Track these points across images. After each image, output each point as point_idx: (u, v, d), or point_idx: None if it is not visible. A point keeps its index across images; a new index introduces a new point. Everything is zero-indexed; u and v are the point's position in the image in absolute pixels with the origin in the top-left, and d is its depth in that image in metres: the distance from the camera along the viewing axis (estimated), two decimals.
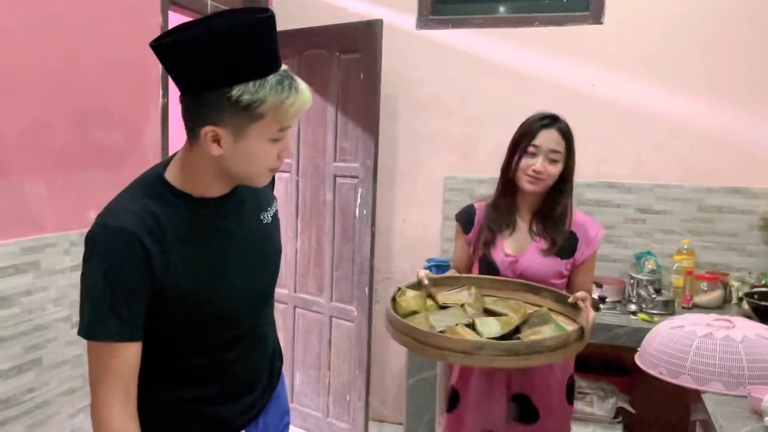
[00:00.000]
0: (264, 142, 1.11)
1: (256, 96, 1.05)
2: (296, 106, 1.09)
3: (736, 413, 1.63)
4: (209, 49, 1.03)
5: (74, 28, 2.23)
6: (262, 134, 1.10)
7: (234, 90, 1.05)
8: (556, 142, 1.83)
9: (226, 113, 1.07)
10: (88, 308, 1.10)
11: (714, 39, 2.90)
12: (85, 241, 1.11)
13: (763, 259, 2.85)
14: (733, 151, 2.89)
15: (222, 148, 1.11)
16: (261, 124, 1.09)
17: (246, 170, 1.15)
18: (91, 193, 2.34)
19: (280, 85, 1.07)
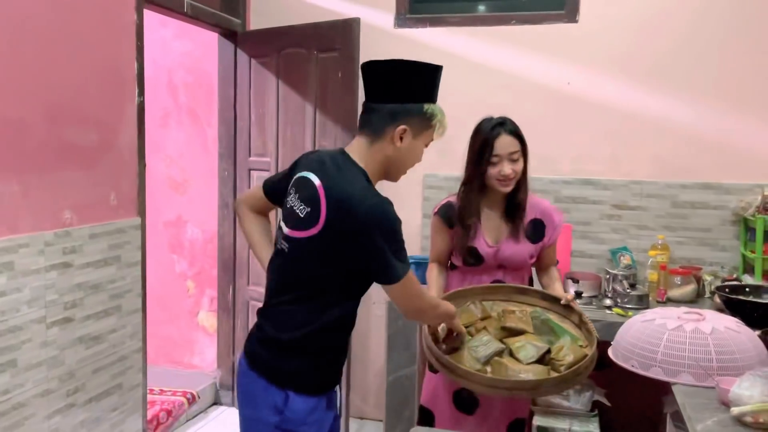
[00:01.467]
0: (421, 146, 1.64)
1: (435, 112, 1.61)
2: (444, 125, 1.65)
3: (704, 404, 1.66)
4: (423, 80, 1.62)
5: (48, 26, 2.22)
6: (425, 140, 1.63)
7: (425, 106, 1.60)
8: (511, 144, 2.07)
9: (416, 119, 1.58)
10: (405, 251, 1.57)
11: (688, 38, 2.94)
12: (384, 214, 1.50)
13: (735, 254, 2.90)
14: (706, 147, 2.94)
15: (402, 143, 1.58)
16: (429, 132, 1.63)
17: (406, 163, 1.64)
18: (66, 192, 2.32)
19: (441, 111, 1.64)
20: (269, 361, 1.59)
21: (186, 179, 3.75)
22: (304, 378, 1.57)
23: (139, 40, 2.64)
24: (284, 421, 1.55)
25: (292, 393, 1.55)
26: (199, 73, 3.66)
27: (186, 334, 3.82)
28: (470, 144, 2.14)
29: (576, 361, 1.87)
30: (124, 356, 2.63)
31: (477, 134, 2.12)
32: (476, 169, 2.11)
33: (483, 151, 2.07)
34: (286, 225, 1.60)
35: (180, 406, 3.31)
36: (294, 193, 1.61)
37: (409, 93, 1.58)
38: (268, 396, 1.56)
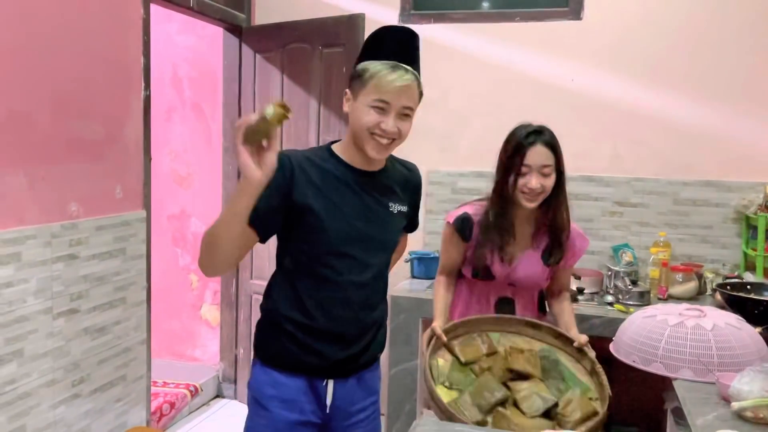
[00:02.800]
0: (365, 107, 1.46)
1: (366, 67, 1.46)
2: (388, 78, 1.44)
3: (704, 399, 1.68)
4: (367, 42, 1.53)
5: (55, 21, 2.23)
6: (365, 100, 1.45)
7: (359, 66, 1.48)
8: (545, 156, 1.88)
9: (355, 81, 1.48)
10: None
11: (691, 35, 2.95)
12: None
13: (737, 251, 2.91)
14: (708, 145, 2.95)
15: (347, 107, 1.51)
16: (366, 91, 1.45)
17: (355, 129, 1.49)
18: (72, 185, 2.34)
19: (382, 64, 1.45)
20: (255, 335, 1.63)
21: (190, 173, 3.77)
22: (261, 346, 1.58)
23: (146, 34, 2.65)
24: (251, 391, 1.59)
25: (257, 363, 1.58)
26: (204, 68, 3.67)
27: (189, 327, 3.84)
28: (502, 149, 1.96)
29: (584, 417, 1.70)
30: (128, 348, 2.65)
31: (510, 140, 1.93)
32: (506, 178, 1.92)
33: (513, 159, 1.89)
34: None
35: (183, 399, 3.33)
36: None
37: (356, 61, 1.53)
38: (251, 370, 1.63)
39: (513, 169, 1.89)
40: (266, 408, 1.53)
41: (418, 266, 3.12)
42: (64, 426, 2.33)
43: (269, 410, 1.53)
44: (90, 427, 2.46)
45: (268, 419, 1.53)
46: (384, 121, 1.46)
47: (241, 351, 3.57)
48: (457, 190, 3.28)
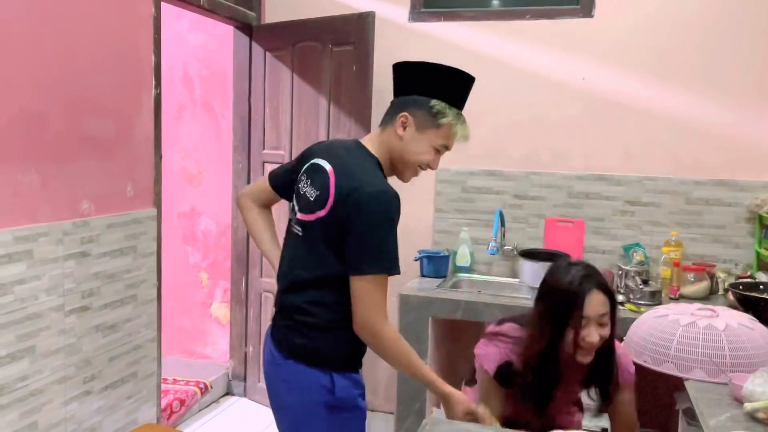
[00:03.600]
0: (428, 144, 1.62)
1: (443, 111, 1.60)
2: (460, 133, 1.63)
3: (717, 400, 1.67)
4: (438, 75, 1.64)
5: (67, 19, 2.24)
6: (430, 139, 1.61)
7: (433, 101, 1.60)
8: (603, 304, 1.67)
9: (421, 111, 1.60)
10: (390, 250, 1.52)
11: (703, 33, 2.92)
12: (379, 202, 1.51)
13: (749, 251, 2.89)
14: (721, 144, 2.93)
15: (404, 132, 1.60)
16: (437, 131, 1.61)
17: (406, 155, 1.62)
18: (84, 183, 2.36)
19: (458, 116, 1.64)
20: (306, 345, 1.60)
21: (200, 171, 3.78)
22: (341, 357, 1.61)
23: (157, 33, 2.66)
24: (336, 401, 1.59)
25: (336, 375, 1.59)
26: (214, 66, 3.68)
27: (199, 325, 3.86)
28: (544, 294, 1.73)
29: None
30: (139, 345, 2.67)
31: (557, 284, 1.69)
32: (560, 333, 1.67)
33: (569, 310, 1.65)
34: (299, 209, 1.65)
35: (193, 396, 3.35)
36: (306, 179, 1.65)
37: (419, 86, 1.62)
38: (314, 379, 1.59)
39: (571, 321, 1.65)
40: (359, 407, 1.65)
41: (427, 265, 3.12)
42: (76, 423, 2.34)
43: (360, 407, 1.66)
44: (101, 423, 2.47)
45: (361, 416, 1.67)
46: (434, 161, 1.65)
47: (250, 348, 3.58)
48: (467, 188, 3.27)
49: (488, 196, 3.23)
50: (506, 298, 2.76)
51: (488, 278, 3.19)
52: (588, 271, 1.69)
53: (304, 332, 1.60)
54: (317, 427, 1.60)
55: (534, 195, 3.17)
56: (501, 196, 3.21)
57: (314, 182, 1.61)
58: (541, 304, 1.73)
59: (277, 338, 1.66)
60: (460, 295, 2.85)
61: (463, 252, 3.20)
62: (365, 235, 1.49)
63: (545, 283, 1.75)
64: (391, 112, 1.65)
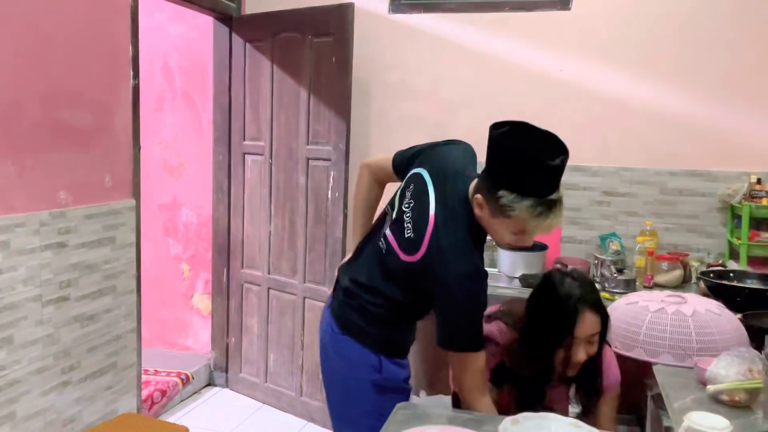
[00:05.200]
0: (507, 230, 1.52)
1: (511, 204, 1.44)
2: (539, 227, 1.48)
3: (683, 383, 1.71)
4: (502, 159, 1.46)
5: (42, 7, 2.23)
6: (506, 225, 1.50)
7: (501, 191, 1.45)
8: (594, 325, 1.66)
9: (491, 199, 1.48)
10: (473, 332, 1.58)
11: (678, 26, 2.97)
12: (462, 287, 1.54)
13: (722, 240, 2.95)
14: (695, 135, 2.97)
15: (480, 213, 1.54)
16: (507, 220, 1.48)
17: (492, 235, 1.58)
18: (61, 173, 2.35)
19: (533, 208, 1.44)
20: (364, 328, 1.71)
21: (181, 163, 3.77)
22: (393, 345, 1.73)
23: (134, 22, 2.65)
24: (382, 380, 1.71)
25: (384, 358, 1.71)
26: (194, 57, 3.67)
27: (180, 316, 3.86)
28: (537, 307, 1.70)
29: None
30: (118, 336, 2.67)
31: (551, 301, 1.66)
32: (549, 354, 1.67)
33: (561, 333, 1.64)
34: (391, 229, 1.69)
35: (174, 387, 3.35)
36: (409, 197, 1.66)
37: (491, 166, 1.50)
38: (365, 357, 1.71)
39: (561, 341, 1.64)
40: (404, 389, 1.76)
41: None
42: (54, 413, 2.35)
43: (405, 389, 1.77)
44: (80, 414, 2.48)
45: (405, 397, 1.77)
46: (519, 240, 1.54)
47: (232, 339, 3.59)
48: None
49: None
50: None
51: None
52: (583, 290, 1.65)
53: (365, 316, 1.71)
54: (364, 400, 1.72)
55: None
56: None
57: (414, 214, 1.62)
58: (534, 318, 1.69)
59: (337, 313, 1.77)
60: None
61: None
62: (445, 311, 1.57)
63: (539, 296, 1.71)
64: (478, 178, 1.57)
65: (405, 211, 1.64)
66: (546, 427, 1.31)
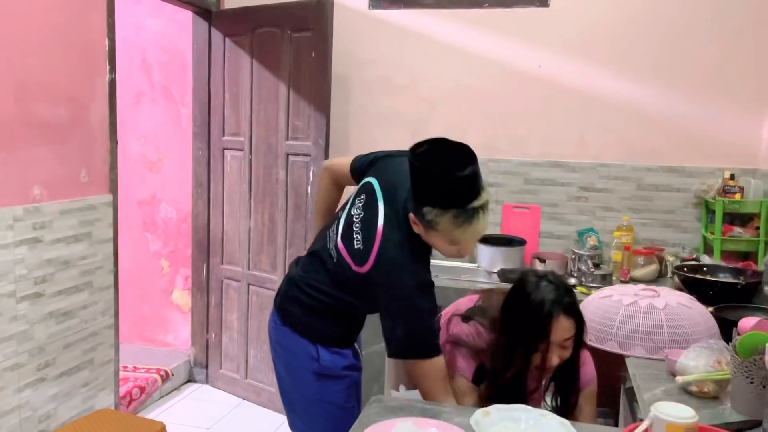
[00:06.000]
0: (442, 242, 1.56)
1: (435, 219, 1.50)
2: (466, 236, 1.52)
3: (654, 375, 1.74)
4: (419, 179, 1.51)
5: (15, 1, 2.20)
6: (439, 239, 1.55)
7: (424, 209, 1.50)
8: (569, 329, 1.63)
9: (418, 217, 1.53)
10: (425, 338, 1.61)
11: (655, 24, 3.00)
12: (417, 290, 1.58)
13: (697, 235, 2.99)
14: (671, 131, 3.01)
15: (419, 230, 1.56)
16: (437, 234, 1.53)
17: (435, 248, 1.61)
18: (36, 168, 2.32)
19: (455, 219, 1.49)
20: (300, 318, 1.75)
21: (160, 158, 3.75)
22: (332, 337, 1.74)
23: (110, 16, 2.62)
24: (322, 369, 1.73)
25: (321, 347, 1.73)
26: (173, 52, 3.64)
27: (160, 312, 3.84)
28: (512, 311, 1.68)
29: None
30: (95, 332, 2.65)
31: (526, 304, 1.64)
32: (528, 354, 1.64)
33: (536, 340, 1.62)
34: (341, 237, 1.69)
35: (153, 383, 3.34)
36: (360, 207, 1.68)
37: (413, 186, 1.54)
38: (303, 347, 1.74)
39: (537, 348, 1.62)
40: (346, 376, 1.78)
41: None
42: (30, 409, 2.33)
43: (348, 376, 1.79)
44: (56, 410, 2.45)
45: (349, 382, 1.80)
46: (461, 250, 1.58)
47: (212, 336, 3.58)
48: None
49: None
50: (464, 282, 2.81)
51: (447, 263, 3.23)
52: (557, 294, 1.62)
53: (303, 307, 1.74)
54: (307, 388, 1.76)
55: (492, 181, 3.22)
56: None
57: (363, 225, 1.64)
58: (510, 321, 1.67)
59: (278, 305, 1.82)
60: None
61: None
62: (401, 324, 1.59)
63: (514, 299, 1.69)
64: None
65: (355, 221, 1.67)
66: (516, 418, 1.33)
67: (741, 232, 2.77)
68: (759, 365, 1.42)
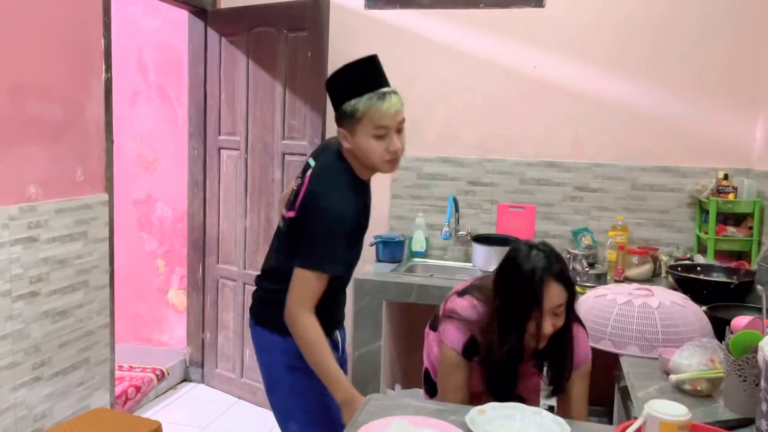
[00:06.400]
0: (370, 140, 1.66)
1: (354, 107, 1.64)
2: (384, 115, 1.64)
3: (648, 373, 1.75)
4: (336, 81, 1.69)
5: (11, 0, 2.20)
6: (364, 134, 1.66)
7: (344, 107, 1.66)
8: (560, 296, 1.63)
9: (343, 119, 1.68)
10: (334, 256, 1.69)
11: (650, 25, 3.01)
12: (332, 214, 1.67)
13: (690, 235, 3.00)
14: (665, 132, 3.03)
15: (349, 144, 1.69)
16: (361, 127, 1.65)
17: (368, 160, 1.70)
18: (31, 167, 2.32)
19: (370, 100, 1.64)
20: (266, 312, 1.81)
21: (156, 158, 3.75)
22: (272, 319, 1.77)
23: (106, 15, 2.62)
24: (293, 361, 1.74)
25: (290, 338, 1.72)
26: (169, 51, 3.64)
27: (156, 311, 3.84)
28: (505, 280, 1.69)
29: None
30: (90, 331, 2.65)
31: (517, 273, 1.65)
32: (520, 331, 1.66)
33: (528, 308, 1.63)
34: (285, 207, 1.84)
35: (149, 383, 3.34)
36: (300, 174, 1.83)
37: (334, 100, 1.70)
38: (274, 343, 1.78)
39: (530, 315, 1.63)
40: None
41: (383, 250, 3.16)
42: (26, 408, 2.33)
43: None
44: (52, 409, 2.45)
45: None
46: (388, 144, 1.67)
47: (208, 335, 3.58)
48: (423, 175, 3.32)
49: (443, 183, 3.29)
50: (459, 282, 2.81)
51: (442, 263, 3.25)
52: (547, 261, 1.63)
53: (266, 300, 1.82)
54: (281, 385, 1.81)
55: (487, 181, 3.23)
56: (455, 183, 3.27)
57: (298, 182, 1.79)
58: (502, 291, 1.69)
59: (251, 308, 1.90)
60: (412, 278, 2.90)
61: (419, 237, 3.26)
62: (315, 238, 1.67)
63: (506, 267, 1.70)
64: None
65: (294, 189, 1.80)
66: (511, 416, 1.34)
67: (734, 232, 2.79)
68: (752, 363, 1.44)
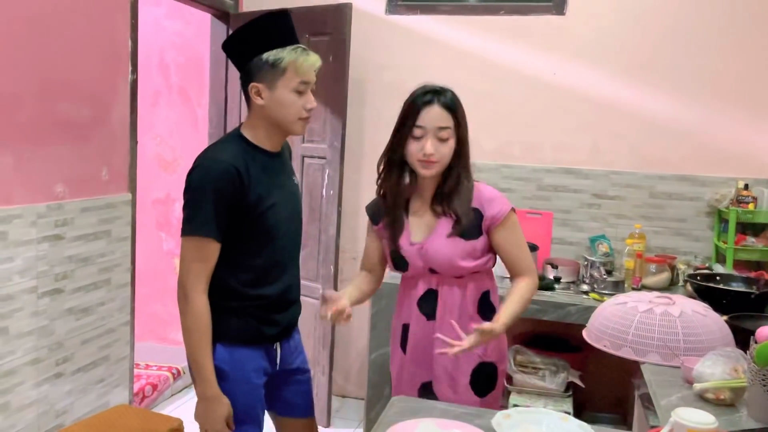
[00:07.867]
0: (289, 93, 1.60)
1: (278, 56, 1.58)
2: (308, 62, 1.60)
3: (670, 381, 1.75)
4: (251, 33, 1.60)
5: (43, 1, 2.24)
6: (287, 88, 1.60)
7: (264, 55, 1.58)
8: (442, 118, 1.72)
9: (260, 70, 1.59)
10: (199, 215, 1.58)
11: (671, 32, 3.02)
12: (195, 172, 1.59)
13: (708, 244, 3.00)
14: (684, 140, 3.03)
15: (263, 99, 1.61)
16: (284, 76, 1.59)
17: (282, 117, 1.63)
18: (58, 166, 2.36)
19: (294, 51, 1.60)
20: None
21: (176, 158, 3.78)
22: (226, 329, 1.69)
23: (134, 17, 2.66)
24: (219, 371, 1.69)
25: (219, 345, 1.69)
26: (191, 54, 3.68)
27: (172, 310, 3.87)
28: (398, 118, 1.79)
29: None
30: (111, 329, 2.68)
31: (404, 104, 1.77)
32: (398, 141, 1.75)
33: (405, 120, 1.73)
34: None
35: (165, 381, 3.37)
36: None
37: (246, 53, 1.61)
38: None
39: (406, 131, 1.72)
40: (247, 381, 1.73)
41: None
42: (47, 404, 2.36)
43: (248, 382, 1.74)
44: (72, 405, 2.49)
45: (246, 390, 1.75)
46: (306, 101, 1.63)
47: None
48: None
49: None
50: None
51: None
52: (436, 89, 1.75)
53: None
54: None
55: (505, 187, 3.24)
56: None
57: None
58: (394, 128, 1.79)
59: None
60: None
61: None
62: (185, 203, 1.62)
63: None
64: (243, 89, 1.67)
65: None
66: (537, 420, 1.35)
67: (754, 242, 2.79)
68: None
